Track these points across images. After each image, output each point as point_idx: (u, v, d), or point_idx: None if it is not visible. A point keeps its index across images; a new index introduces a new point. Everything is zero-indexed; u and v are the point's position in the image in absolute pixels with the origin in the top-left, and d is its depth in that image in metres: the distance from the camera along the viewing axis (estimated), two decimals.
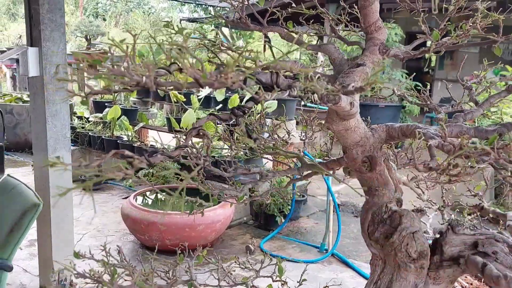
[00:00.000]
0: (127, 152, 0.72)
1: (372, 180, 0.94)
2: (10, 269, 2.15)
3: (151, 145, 5.77)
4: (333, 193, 4.13)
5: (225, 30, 12.63)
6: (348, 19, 1.11)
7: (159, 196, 4.83)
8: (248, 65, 0.64)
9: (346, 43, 1.02)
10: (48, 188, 3.18)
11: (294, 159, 1.21)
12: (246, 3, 1.04)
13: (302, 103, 6.70)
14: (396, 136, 0.91)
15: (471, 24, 0.85)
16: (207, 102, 5.99)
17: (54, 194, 3.15)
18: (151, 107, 7.14)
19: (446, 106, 1.09)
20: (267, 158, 1.48)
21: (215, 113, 0.79)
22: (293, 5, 1.06)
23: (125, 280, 0.86)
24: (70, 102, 8.46)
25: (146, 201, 4.65)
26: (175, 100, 6.02)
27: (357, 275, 3.85)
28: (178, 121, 5.35)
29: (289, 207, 4.68)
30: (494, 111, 2.57)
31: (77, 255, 1.08)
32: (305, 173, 1.11)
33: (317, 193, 5.70)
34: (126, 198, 5.33)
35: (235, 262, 1.30)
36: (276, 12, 1.04)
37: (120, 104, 6.38)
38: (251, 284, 1.08)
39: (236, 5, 1.02)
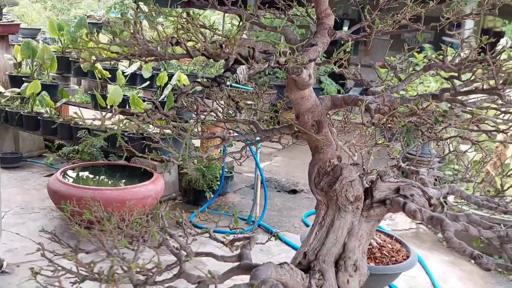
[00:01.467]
0: (132, 110, 0.85)
1: (318, 140, 1.15)
2: None
3: (74, 121, 5.63)
4: (261, 169, 4.38)
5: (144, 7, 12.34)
6: (296, 5, 1.30)
7: (81, 174, 4.78)
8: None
9: (297, 27, 1.21)
10: None
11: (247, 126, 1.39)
12: None
13: (228, 83, 6.84)
14: (339, 104, 1.12)
15: (400, 15, 1.08)
16: (133, 79, 5.94)
17: None
18: (71, 83, 6.91)
19: (375, 82, 1.33)
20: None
21: (199, 80, 0.94)
22: None
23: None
24: None
25: (67, 179, 4.56)
26: (99, 76, 5.89)
27: (282, 243, 4.16)
28: (104, 97, 5.28)
29: (218, 183, 4.87)
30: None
31: None
32: (258, 138, 1.29)
33: (243, 170, 5.94)
34: (49, 175, 5.19)
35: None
36: None
37: (39, 79, 6.11)
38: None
39: None
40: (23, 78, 6.21)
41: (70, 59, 6.33)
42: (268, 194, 5.39)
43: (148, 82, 5.71)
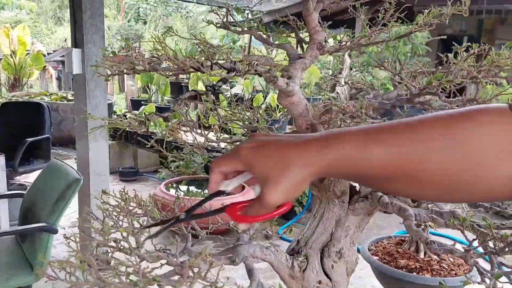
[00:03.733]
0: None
1: None
2: (56, 231, 2.60)
3: (181, 140, 6.21)
4: None
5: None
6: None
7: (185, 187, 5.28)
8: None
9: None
10: (88, 173, 3.66)
11: None
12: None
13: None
14: (328, 115, 1.27)
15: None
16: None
17: (93, 179, 3.64)
18: (184, 106, 7.60)
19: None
20: None
21: (196, 89, 1.17)
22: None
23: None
24: (110, 101, 9.07)
25: (169, 190, 5.07)
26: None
27: None
28: (207, 118, 5.78)
29: (307, 199, 5.02)
30: None
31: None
32: None
33: None
34: None
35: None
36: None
37: (155, 103, 6.87)
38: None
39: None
40: (142, 102, 7.04)
41: (182, 84, 7.02)
42: None
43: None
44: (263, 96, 5.81)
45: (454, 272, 2.26)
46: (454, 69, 0.95)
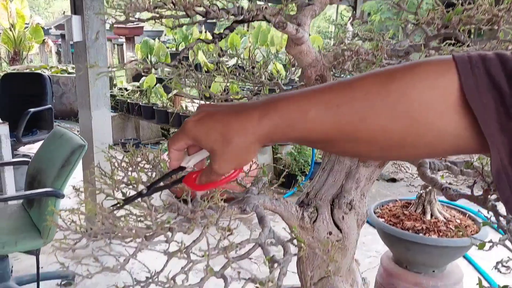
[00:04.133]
0: None
1: None
2: (62, 196, 2.61)
3: (183, 111, 6.18)
4: None
5: None
6: None
7: None
8: None
9: None
10: (92, 142, 3.65)
11: None
12: None
13: None
14: (340, 59, 1.23)
15: None
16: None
17: (96, 149, 3.62)
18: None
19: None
20: None
21: (202, 38, 1.14)
22: None
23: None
24: (110, 74, 9.01)
25: None
26: (206, 70, 6.39)
27: None
28: (208, 88, 5.73)
29: (309, 168, 5.02)
30: None
31: None
32: None
33: None
34: None
35: None
36: None
37: (155, 74, 6.81)
38: None
39: None
40: (142, 73, 6.98)
41: (180, 54, 6.95)
42: None
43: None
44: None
45: (461, 233, 2.26)
46: (473, 10, 0.92)
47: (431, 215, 2.44)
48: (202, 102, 1.66)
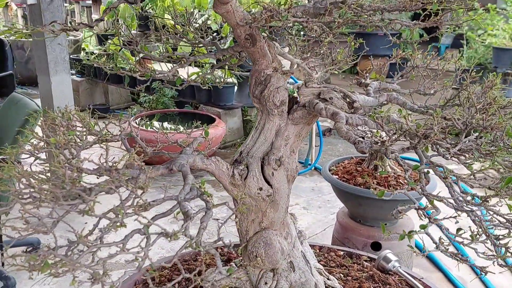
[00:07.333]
0: None
1: (254, 53, 1.28)
2: (18, 163, 2.59)
3: (150, 74, 6.09)
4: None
5: None
6: None
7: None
8: None
9: None
10: (52, 108, 3.60)
11: None
12: None
13: None
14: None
15: None
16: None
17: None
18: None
19: None
20: None
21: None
22: None
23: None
24: (77, 37, 8.76)
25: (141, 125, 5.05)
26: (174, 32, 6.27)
27: None
28: (174, 49, 5.66)
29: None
30: None
31: None
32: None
33: None
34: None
35: None
36: None
37: (122, 36, 6.65)
38: None
39: None
40: (109, 36, 6.81)
41: (149, 17, 6.78)
42: (331, 140, 5.53)
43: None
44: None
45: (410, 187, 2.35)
46: None
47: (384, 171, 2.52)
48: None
